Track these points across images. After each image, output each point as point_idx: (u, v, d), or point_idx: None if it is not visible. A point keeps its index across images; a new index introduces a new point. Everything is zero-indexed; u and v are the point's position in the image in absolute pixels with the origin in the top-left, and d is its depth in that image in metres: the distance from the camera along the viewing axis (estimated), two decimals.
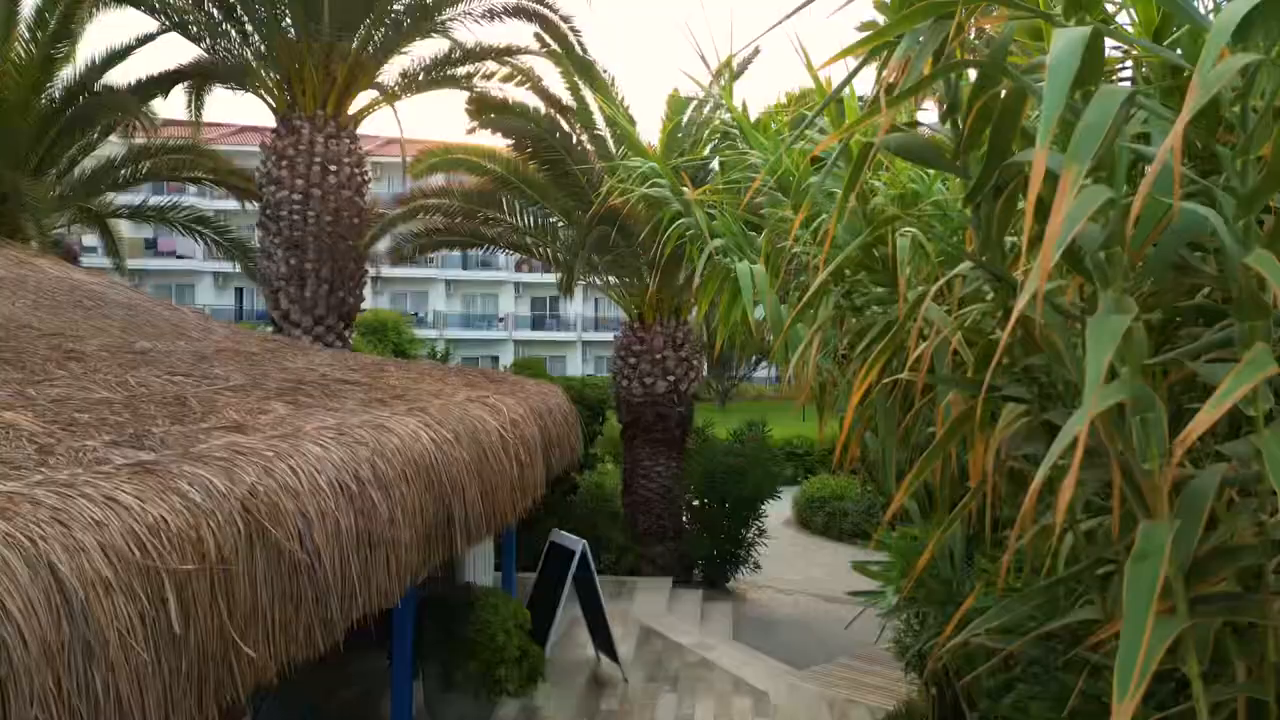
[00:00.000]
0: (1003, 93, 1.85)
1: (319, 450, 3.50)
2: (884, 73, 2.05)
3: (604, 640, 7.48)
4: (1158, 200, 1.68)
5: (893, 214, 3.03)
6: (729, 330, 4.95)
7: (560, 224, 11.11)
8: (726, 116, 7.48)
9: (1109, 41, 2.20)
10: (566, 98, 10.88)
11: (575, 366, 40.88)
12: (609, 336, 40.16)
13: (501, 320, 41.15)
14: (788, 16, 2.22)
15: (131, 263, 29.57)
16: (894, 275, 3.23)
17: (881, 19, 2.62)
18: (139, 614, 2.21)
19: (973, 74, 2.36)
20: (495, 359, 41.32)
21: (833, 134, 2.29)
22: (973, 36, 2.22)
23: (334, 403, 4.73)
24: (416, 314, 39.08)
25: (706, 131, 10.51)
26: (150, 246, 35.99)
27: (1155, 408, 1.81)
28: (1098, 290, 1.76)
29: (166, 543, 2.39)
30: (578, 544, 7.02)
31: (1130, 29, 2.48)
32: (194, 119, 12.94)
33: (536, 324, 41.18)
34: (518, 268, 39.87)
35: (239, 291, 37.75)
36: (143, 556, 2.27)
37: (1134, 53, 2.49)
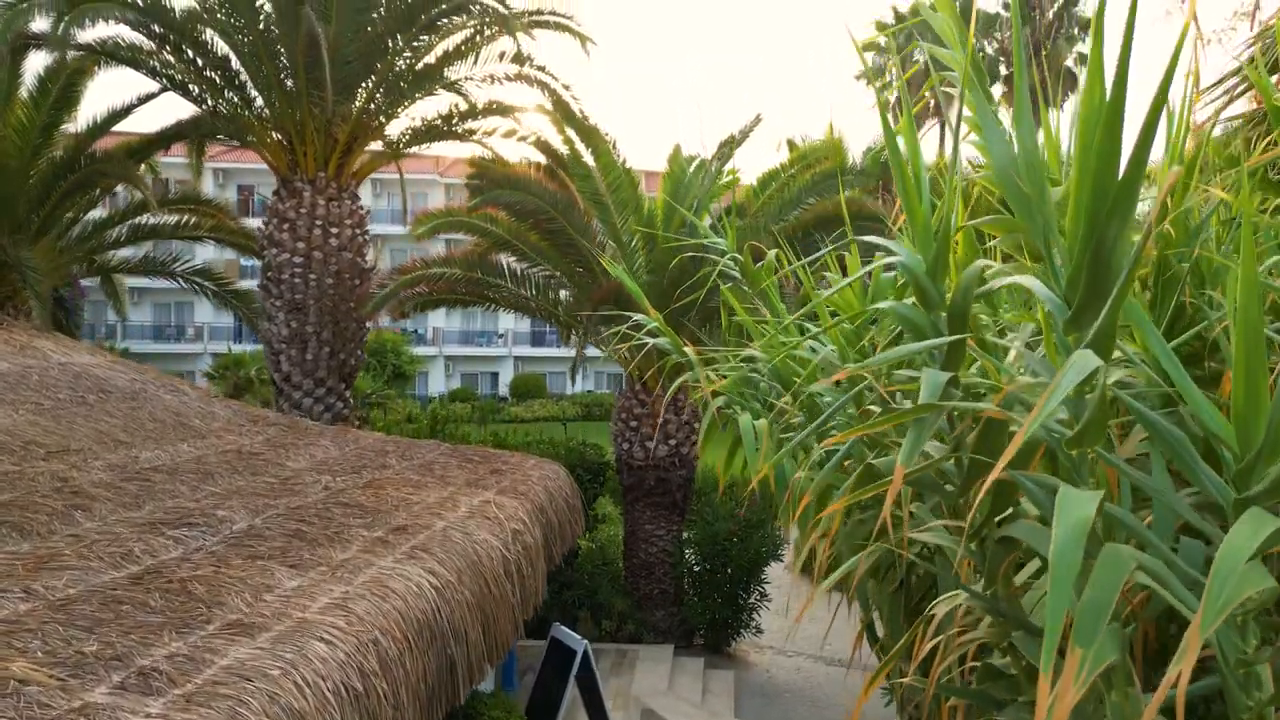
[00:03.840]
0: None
1: (324, 649, 3.51)
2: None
3: None
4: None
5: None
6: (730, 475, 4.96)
7: (562, 286, 11.13)
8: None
9: None
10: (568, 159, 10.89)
11: (575, 383, 40.83)
12: None
13: (501, 337, 41.14)
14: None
15: (131, 281, 29.55)
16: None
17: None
18: None
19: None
20: (495, 375, 41.32)
21: (840, 499, 2.30)
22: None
23: (338, 549, 4.75)
24: (416, 331, 39.07)
25: (708, 197, 10.53)
26: None
27: None
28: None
29: None
30: (579, 644, 7.03)
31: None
32: (194, 170, 12.98)
33: (536, 340, 41.13)
34: None
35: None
36: None
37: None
